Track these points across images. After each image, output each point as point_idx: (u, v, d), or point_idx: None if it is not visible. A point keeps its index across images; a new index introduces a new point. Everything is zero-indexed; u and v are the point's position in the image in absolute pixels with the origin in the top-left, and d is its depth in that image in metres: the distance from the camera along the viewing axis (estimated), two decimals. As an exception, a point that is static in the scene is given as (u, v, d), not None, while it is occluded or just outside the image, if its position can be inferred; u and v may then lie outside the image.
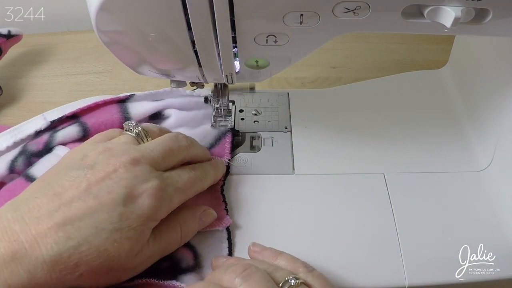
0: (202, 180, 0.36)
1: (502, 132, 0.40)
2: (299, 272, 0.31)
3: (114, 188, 0.29)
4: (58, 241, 0.27)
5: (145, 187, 0.30)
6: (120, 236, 0.28)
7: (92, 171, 0.30)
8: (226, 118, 0.45)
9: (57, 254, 0.26)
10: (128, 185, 0.30)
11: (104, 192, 0.29)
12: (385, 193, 0.40)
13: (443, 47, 0.58)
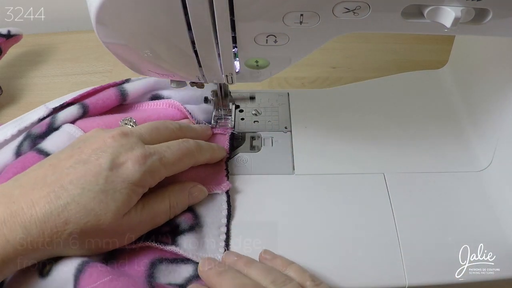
0: (195, 154, 0.37)
1: (502, 132, 0.40)
2: (306, 286, 0.31)
3: (101, 155, 0.32)
4: (49, 201, 0.29)
5: (130, 155, 0.33)
6: (105, 196, 0.31)
7: (85, 143, 0.34)
8: (226, 118, 0.45)
9: (48, 212, 0.29)
10: (114, 152, 0.32)
11: (92, 159, 0.32)
12: (385, 193, 0.40)
13: (443, 47, 0.58)
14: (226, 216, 0.37)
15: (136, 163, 0.32)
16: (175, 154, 0.35)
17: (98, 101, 0.44)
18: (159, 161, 0.34)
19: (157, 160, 0.34)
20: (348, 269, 0.35)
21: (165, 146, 0.35)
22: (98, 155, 0.32)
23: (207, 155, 0.39)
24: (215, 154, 0.40)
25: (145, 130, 0.36)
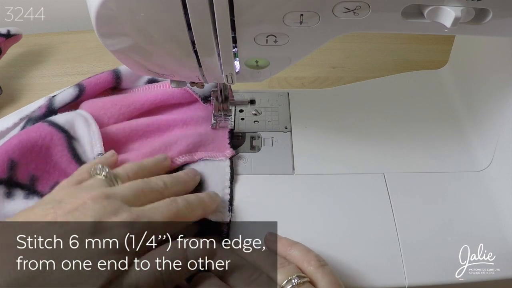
0: (186, 214, 0.34)
1: (502, 132, 0.40)
2: (310, 266, 0.32)
3: (81, 218, 0.28)
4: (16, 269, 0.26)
5: (114, 220, 0.29)
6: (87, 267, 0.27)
7: (59, 204, 0.29)
8: (226, 118, 0.45)
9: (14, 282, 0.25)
10: (95, 215, 0.28)
11: (72, 222, 0.28)
12: (385, 193, 0.40)
13: (443, 47, 0.58)
14: (230, 179, 0.40)
15: (122, 228, 0.28)
16: (164, 216, 0.31)
17: (92, 80, 0.46)
18: (148, 225, 0.30)
19: (146, 224, 0.30)
20: (348, 269, 0.35)
21: (153, 209, 0.31)
22: (77, 218, 0.28)
23: (198, 212, 0.35)
24: (207, 207, 0.36)
25: (129, 192, 0.32)
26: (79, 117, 0.42)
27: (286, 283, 0.30)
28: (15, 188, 0.38)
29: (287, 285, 0.30)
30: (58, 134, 0.40)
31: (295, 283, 0.30)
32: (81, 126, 0.41)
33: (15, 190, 0.38)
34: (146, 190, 0.34)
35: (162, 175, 0.38)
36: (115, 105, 0.44)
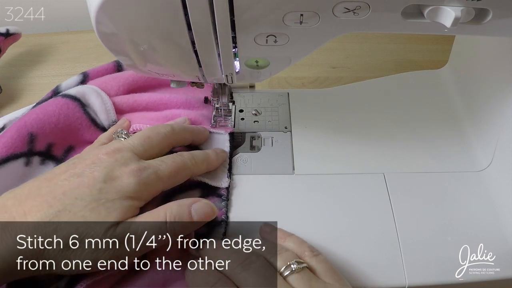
0: (191, 167, 0.37)
1: (502, 132, 0.40)
2: (305, 256, 0.32)
3: (96, 169, 0.32)
4: (40, 209, 0.29)
5: (125, 169, 0.33)
6: (97, 205, 0.30)
7: (79, 159, 0.34)
8: (226, 118, 0.45)
9: (38, 219, 0.29)
10: (108, 166, 0.32)
11: (87, 172, 0.32)
12: (385, 193, 0.40)
13: (443, 47, 0.58)
14: (229, 151, 0.42)
15: (131, 176, 0.32)
16: (170, 167, 0.35)
17: (96, 69, 0.48)
18: (154, 174, 0.33)
19: (153, 173, 0.33)
20: (348, 269, 0.35)
21: (159, 161, 0.35)
22: (93, 169, 0.32)
23: (203, 166, 0.38)
24: (211, 163, 0.39)
25: (137, 141, 0.36)
26: (88, 89, 0.44)
27: (285, 269, 0.31)
28: (33, 156, 0.40)
29: (286, 271, 0.31)
30: (73, 103, 0.42)
31: (294, 268, 0.31)
32: (92, 96, 0.44)
33: (33, 158, 0.40)
34: (152, 136, 0.37)
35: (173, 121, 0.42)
36: (115, 78, 0.47)
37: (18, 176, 0.39)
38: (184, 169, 0.36)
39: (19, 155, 0.39)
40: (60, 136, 0.41)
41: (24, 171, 0.39)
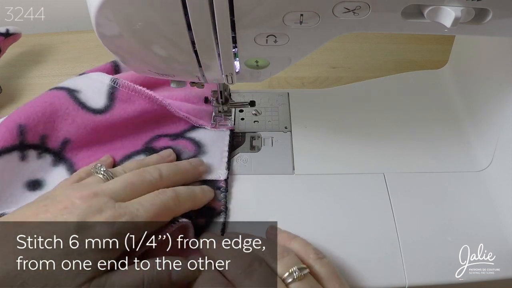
0: (173, 208, 0.34)
1: (502, 132, 0.40)
2: (309, 259, 0.32)
3: (68, 216, 0.30)
4: (8, 261, 0.27)
5: (98, 217, 0.30)
6: (68, 259, 0.28)
7: (52, 202, 0.31)
8: (226, 118, 0.45)
9: (4, 274, 0.27)
10: (81, 214, 0.30)
11: (59, 220, 0.30)
12: (385, 193, 0.40)
13: (443, 47, 0.58)
14: (228, 145, 0.43)
15: (104, 226, 0.30)
16: (148, 212, 0.32)
17: (94, 69, 0.48)
18: (130, 222, 0.31)
19: (129, 221, 0.31)
20: (348, 269, 0.35)
21: (137, 203, 0.32)
22: (65, 216, 0.30)
23: (187, 206, 0.35)
24: (197, 202, 0.37)
25: (119, 186, 0.33)
26: (79, 77, 0.44)
27: (288, 276, 0.30)
28: (28, 150, 0.39)
29: (288, 278, 0.30)
30: (59, 91, 0.42)
31: (296, 276, 0.30)
32: (81, 81, 0.43)
33: (28, 152, 0.39)
34: (137, 183, 0.34)
35: (163, 164, 0.38)
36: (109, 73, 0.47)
37: (15, 171, 0.38)
38: (165, 211, 0.33)
39: (11, 148, 0.38)
40: (50, 126, 0.40)
41: (21, 166, 0.39)
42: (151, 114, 0.43)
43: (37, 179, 0.40)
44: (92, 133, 0.42)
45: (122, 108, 0.42)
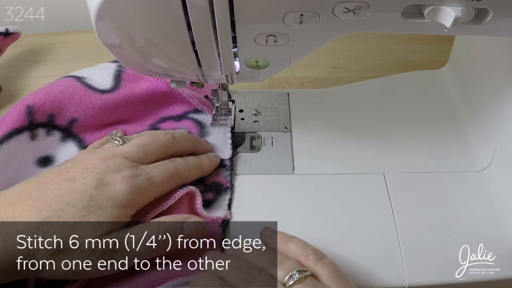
0: (184, 173, 0.37)
1: (502, 132, 0.40)
2: (309, 260, 0.32)
3: (88, 175, 0.32)
4: (30, 214, 0.29)
5: (117, 175, 0.32)
6: (87, 213, 0.30)
7: (72, 163, 0.33)
8: (226, 117, 0.45)
9: (28, 223, 0.29)
10: (100, 172, 0.32)
11: (79, 178, 0.32)
12: (385, 193, 0.40)
13: (443, 47, 0.58)
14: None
15: (123, 183, 0.32)
16: (162, 174, 0.35)
17: None
18: (147, 180, 0.33)
19: (145, 180, 0.33)
20: (348, 269, 0.35)
21: (152, 167, 0.35)
22: (85, 174, 0.32)
23: (196, 173, 0.38)
24: (205, 168, 0.39)
25: (133, 148, 0.35)
26: (85, 68, 0.46)
27: (288, 279, 0.30)
28: (37, 129, 0.41)
29: (289, 281, 0.30)
30: (68, 78, 0.43)
31: (297, 278, 0.30)
32: (87, 70, 0.45)
33: (37, 131, 0.41)
34: (150, 144, 0.36)
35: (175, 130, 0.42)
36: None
37: (26, 150, 0.40)
38: (177, 175, 0.36)
39: (21, 129, 0.40)
40: (58, 106, 0.41)
41: (32, 145, 0.40)
42: (157, 92, 0.45)
43: (48, 156, 0.41)
44: (99, 112, 0.43)
45: (129, 87, 0.44)
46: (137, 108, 0.45)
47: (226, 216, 0.38)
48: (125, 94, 0.43)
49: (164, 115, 0.46)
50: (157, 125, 0.45)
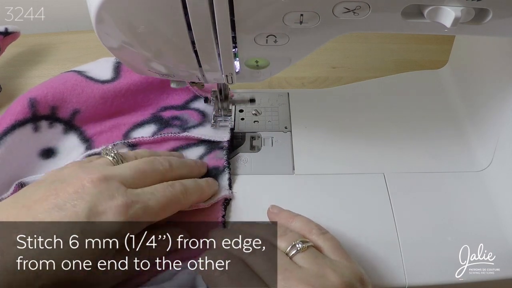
0: (181, 200, 0.35)
1: (502, 132, 0.40)
2: (312, 234, 0.33)
3: (79, 203, 0.29)
4: (20, 251, 0.27)
5: (110, 204, 0.30)
6: (80, 247, 0.28)
7: (62, 184, 0.31)
8: (226, 118, 0.45)
9: (18, 263, 0.27)
10: (92, 200, 0.30)
11: (69, 206, 0.29)
12: (385, 193, 0.40)
13: (443, 47, 0.58)
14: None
15: (117, 214, 0.30)
16: (160, 202, 0.32)
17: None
18: (142, 210, 0.31)
19: (140, 209, 0.31)
20: (348, 269, 0.35)
21: (149, 193, 0.32)
22: (75, 202, 0.29)
23: (194, 198, 0.36)
24: (203, 194, 0.38)
25: (129, 173, 0.33)
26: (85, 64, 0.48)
27: (291, 249, 0.31)
28: (40, 121, 0.42)
29: (292, 251, 0.31)
30: (69, 73, 0.45)
31: (299, 248, 0.31)
32: (88, 65, 0.47)
33: (40, 123, 0.42)
34: (147, 171, 0.34)
35: (172, 157, 0.39)
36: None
37: (29, 142, 0.41)
38: (175, 203, 0.34)
39: (25, 121, 0.40)
40: (60, 97, 0.43)
41: (35, 137, 0.41)
42: (156, 81, 0.45)
43: (50, 147, 0.42)
44: (101, 102, 0.44)
45: (128, 76, 0.45)
46: (137, 96, 0.46)
47: (228, 196, 0.39)
48: (125, 83, 0.45)
49: (164, 104, 0.47)
50: (159, 113, 0.46)
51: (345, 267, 0.30)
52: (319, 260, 0.30)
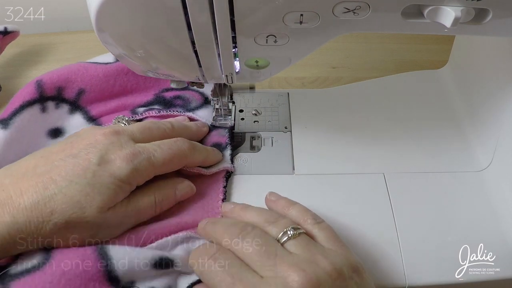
0: (188, 155, 0.37)
1: (502, 132, 0.40)
2: (307, 223, 0.33)
3: (91, 151, 0.33)
4: (37, 190, 0.30)
5: (119, 152, 0.33)
6: (92, 190, 0.31)
7: (77, 139, 0.34)
8: (226, 118, 0.45)
9: (35, 201, 0.30)
10: (103, 148, 0.33)
11: (82, 154, 0.33)
12: (385, 193, 0.40)
13: (443, 47, 0.58)
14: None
15: (124, 161, 0.33)
16: (165, 154, 0.35)
17: None
18: (147, 160, 0.34)
19: (146, 159, 0.34)
20: (348, 269, 0.35)
21: (156, 145, 0.35)
22: (88, 150, 0.33)
23: (201, 157, 0.39)
24: (209, 156, 0.40)
25: (137, 129, 0.37)
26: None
27: (282, 235, 0.31)
28: (47, 101, 0.43)
29: (283, 237, 0.31)
30: (76, 64, 0.46)
31: (291, 234, 0.31)
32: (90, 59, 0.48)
33: (47, 103, 0.43)
34: (153, 128, 0.38)
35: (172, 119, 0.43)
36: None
37: (37, 122, 0.42)
38: (180, 157, 0.36)
39: (32, 102, 0.42)
40: (65, 78, 0.44)
41: (42, 117, 0.43)
42: None
43: (57, 127, 0.44)
44: (104, 80, 0.45)
45: None
46: (139, 77, 0.47)
47: (229, 168, 0.41)
48: None
49: (166, 86, 0.48)
50: (161, 94, 0.47)
51: (338, 255, 0.30)
52: (310, 247, 0.30)
